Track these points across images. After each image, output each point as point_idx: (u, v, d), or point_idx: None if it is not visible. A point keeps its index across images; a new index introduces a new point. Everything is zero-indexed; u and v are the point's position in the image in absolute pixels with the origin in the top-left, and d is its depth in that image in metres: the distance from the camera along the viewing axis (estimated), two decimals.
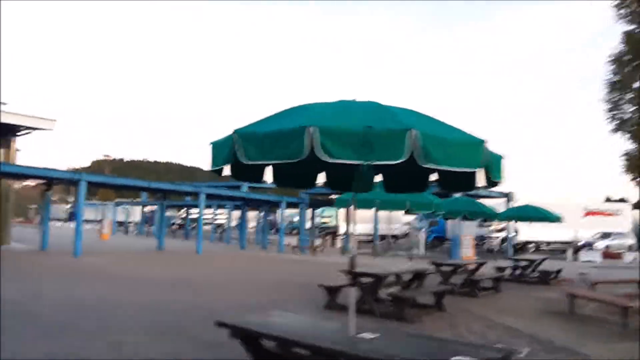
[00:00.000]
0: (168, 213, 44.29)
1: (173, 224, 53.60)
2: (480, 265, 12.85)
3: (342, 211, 44.80)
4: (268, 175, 4.38)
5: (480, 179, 3.47)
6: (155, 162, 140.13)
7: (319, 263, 19.53)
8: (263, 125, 3.64)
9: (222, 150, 3.63)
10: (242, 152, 3.36)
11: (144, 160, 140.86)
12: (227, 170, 4.01)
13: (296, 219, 54.61)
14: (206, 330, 6.73)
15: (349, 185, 4.59)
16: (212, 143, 3.88)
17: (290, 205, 28.34)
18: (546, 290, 12.70)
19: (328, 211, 47.62)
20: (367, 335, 4.08)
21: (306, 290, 11.13)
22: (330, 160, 2.97)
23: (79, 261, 16.09)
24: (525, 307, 10.00)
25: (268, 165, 4.31)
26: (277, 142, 3.23)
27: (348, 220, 31.68)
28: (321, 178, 4.85)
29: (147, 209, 49.62)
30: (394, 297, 8.53)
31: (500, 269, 13.93)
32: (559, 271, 14.55)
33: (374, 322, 7.80)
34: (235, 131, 3.48)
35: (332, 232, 45.69)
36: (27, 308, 7.90)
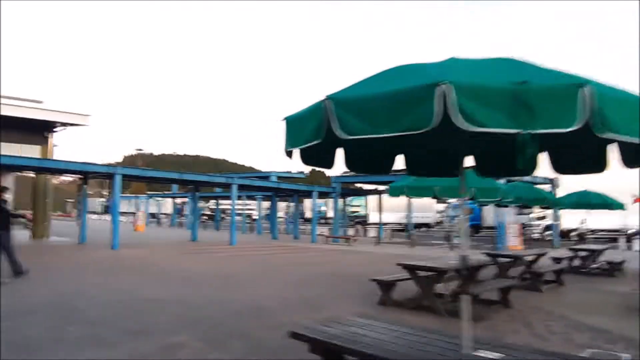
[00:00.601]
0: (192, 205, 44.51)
1: (202, 214, 53.85)
2: (539, 256, 12.10)
3: (372, 200, 44.17)
4: (339, 159, 3.69)
5: (615, 155, 2.77)
6: (184, 155, 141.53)
7: (356, 253, 19.02)
8: (366, 87, 2.86)
9: (306, 125, 2.90)
10: (338, 124, 2.61)
11: (173, 154, 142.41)
12: (296, 154, 3.31)
13: (323, 208, 54.19)
14: (260, 331, 6.28)
15: (442, 168, 3.92)
16: (287, 118, 3.19)
17: (321, 194, 27.82)
18: (614, 282, 11.77)
19: (357, 200, 46.95)
20: (488, 355, 3.33)
21: (353, 284, 10.66)
22: (473, 129, 2.21)
23: (118, 254, 15.93)
24: (600, 302, 9.16)
25: (339, 147, 3.64)
26: (392, 108, 2.45)
27: (380, 209, 31.08)
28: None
29: (179, 200, 49.92)
30: (458, 292, 7.91)
31: (557, 260, 13.11)
32: (622, 262, 13.60)
33: (438, 320, 7.27)
34: (329, 97, 2.73)
35: (362, 221, 45.13)
36: (71, 305, 7.58)
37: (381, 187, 30.98)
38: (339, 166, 3.77)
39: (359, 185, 32.23)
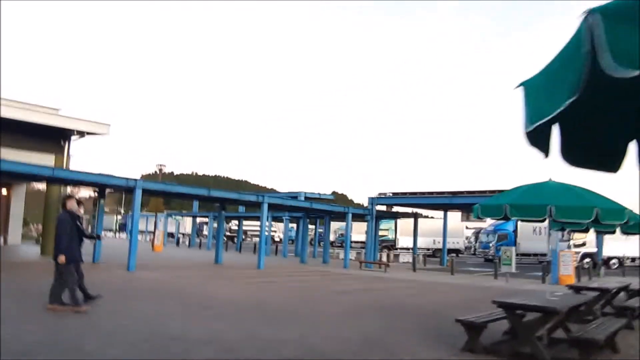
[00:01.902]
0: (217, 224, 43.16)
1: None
2: (622, 289, 10.48)
3: (401, 223, 42.19)
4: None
5: None
6: (203, 176, 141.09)
7: (398, 281, 17.11)
8: None
9: (558, 78, 1.73)
10: (610, 53, 1.44)
11: (193, 174, 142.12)
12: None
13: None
14: None
15: None
16: (526, 82, 2.02)
17: (355, 216, 25.95)
18: None
19: (385, 224, 45.04)
20: None
21: (415, 318, 8.93)
22: None
23: (134, 276, 14.28)
24: None
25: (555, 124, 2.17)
26: None
27: (415, 233, 29.21)
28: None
29: (198, 220, 48.47)
30: (574, 338, 6.09)
31: (631, 291, 11.35)
32: None
33: None
34: (592, 10, 1.53)
35: (390, 245, 43.11)
36: (77, 345, 5.88)
37: (411, 210, 29.16)
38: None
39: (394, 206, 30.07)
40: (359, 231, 54.01)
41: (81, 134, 19.29)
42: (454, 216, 33.09)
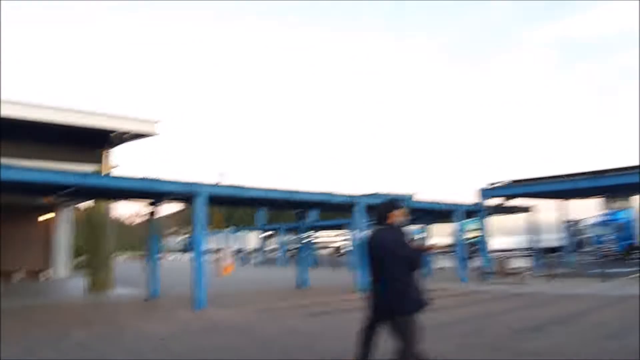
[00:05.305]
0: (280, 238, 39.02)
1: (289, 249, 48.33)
2: None
3: (491, 222, 36.52)
4: None
5: None
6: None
7: (564, 298, 11.96)
8: None
9: None
10: None
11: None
12: None
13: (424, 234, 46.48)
14: None
15: None
16: None
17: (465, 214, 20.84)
18: None
19: (473, 223, 39.39)
20: None
21: None
22: None
23: (206, 320, 9.92)
24: None
25: None
26: None
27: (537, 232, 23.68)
28: None
29: (263, 235, 44.62)
30: None
31: None
32: None
33: None
34: None
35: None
36: None
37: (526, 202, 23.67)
38: None
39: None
40: (439, 233, 48.28)
41: (124, 135, 15.43)
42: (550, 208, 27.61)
